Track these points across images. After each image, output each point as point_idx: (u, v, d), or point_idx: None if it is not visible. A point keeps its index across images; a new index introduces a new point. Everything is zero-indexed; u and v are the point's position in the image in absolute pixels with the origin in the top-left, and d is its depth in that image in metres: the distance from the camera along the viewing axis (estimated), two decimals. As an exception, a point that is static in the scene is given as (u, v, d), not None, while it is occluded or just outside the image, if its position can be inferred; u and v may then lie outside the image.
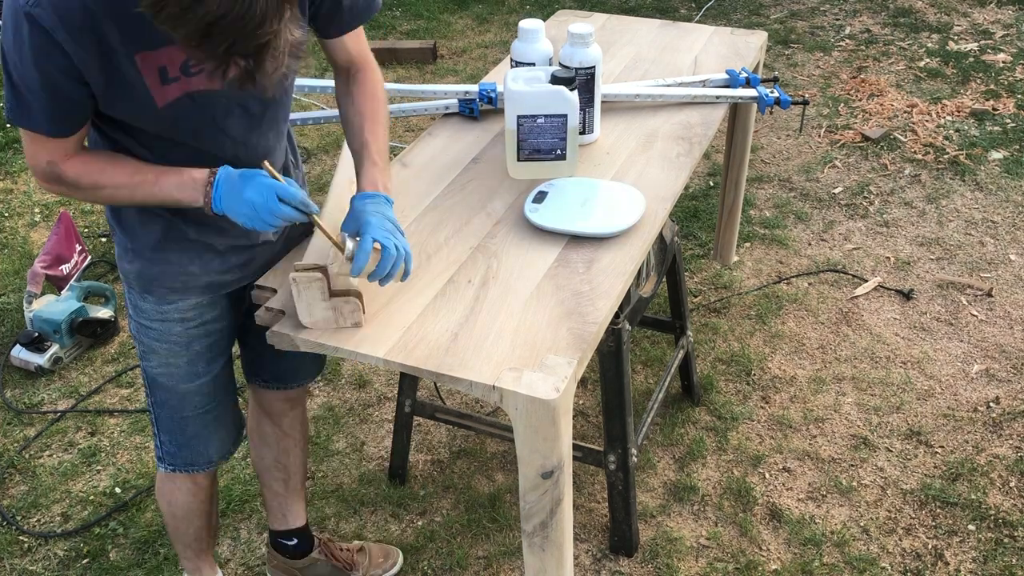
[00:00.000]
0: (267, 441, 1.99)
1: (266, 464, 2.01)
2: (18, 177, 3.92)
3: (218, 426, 1.78)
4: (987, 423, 2.56)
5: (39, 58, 1.26)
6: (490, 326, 1.52)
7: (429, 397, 2.63)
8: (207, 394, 1.72)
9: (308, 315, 1.51)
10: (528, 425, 1.42)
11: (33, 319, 2.88)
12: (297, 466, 2.03)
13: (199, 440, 1.77)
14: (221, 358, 1.72)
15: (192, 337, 1.65)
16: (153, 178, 1.41)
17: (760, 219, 3.47)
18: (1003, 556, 2.19)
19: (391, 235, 1.46)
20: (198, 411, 1.73)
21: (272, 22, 1.13)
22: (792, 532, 2.27)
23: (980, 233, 3.35)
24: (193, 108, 1.40)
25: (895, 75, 4.50)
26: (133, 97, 1.35)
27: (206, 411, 1.74)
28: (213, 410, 1.75)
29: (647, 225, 1.79)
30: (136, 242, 1.57)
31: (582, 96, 1.97)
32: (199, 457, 1.79)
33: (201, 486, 1.87)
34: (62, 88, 1.30)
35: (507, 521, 2.32)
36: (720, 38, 2.62)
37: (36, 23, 1.23)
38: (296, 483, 2.05)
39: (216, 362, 1.71)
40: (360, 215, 1.48)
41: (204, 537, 1.99)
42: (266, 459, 2.01)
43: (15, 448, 2.58)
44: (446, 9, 5.62)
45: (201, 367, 1.68)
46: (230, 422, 1.81)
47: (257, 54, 1.17)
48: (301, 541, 2.11)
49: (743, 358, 2.80)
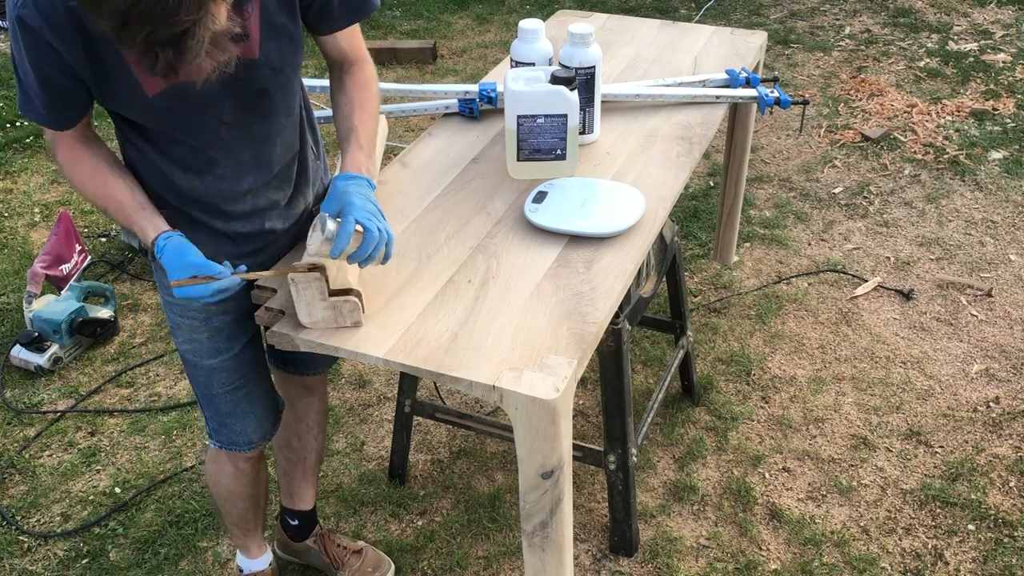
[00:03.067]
0: (282, 421, 2.01)
1: (279, 442, 2.06)
2: (18, 177, 3.92)
3: (252, 406, 1.79)
4: (987, 423, 2.56)
5: (33, 56, 1.33)
6: (490, 326, 1.52)
7: (429, 397, 2.63)
8: (232, 370, 1.73)
9: (307, 315, 1.51)
10: (528, 425, 1.42)
11: (33, 319, 2.88)
12: (308, 451, 2.06)
13: (234, 418, 1.79)
14: (244, 335, 1.73)
15: (211, 313, 1.66)
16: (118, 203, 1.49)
17: (760, 219, 3.47)
18: (1003, 556, 2.19)
19: (374, 217, 1.46)
20: (226, 388, 1.75)
21: (189, 10, 1.13)
22: (792, 532, 2.27)
23: (980, 233, 3.35)
24: (180, 97, 1.41)
25: (895, 75, 4.50)
26: (124, 87, 1.39)
27: (234, 388, 1.75)
28: (242, 388, 1.76)
29: (647, 225, 1.79)
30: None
31: (582, 96, 1.97)
32: (238, 436, 1.81)
33: (243, 471, 1.90)
34: (56, 83, 1.37)
35: (507, 521, 2.32)
36: (720, 38, 2.62)
37: (26, 24, 1.30)
38: (305, 468, 2.08)
39: (237, 339, 1.72)
40: (343, 196, 1.48)
41: (250, 519, 2.03)
42: (279, 437, 2.04)
43: (15, 448, 2.58)
44: (446, 9, 5.62)
45: (223, 343, 1.70)
46: (266, 403, 1.83)
47: (175, 43, 1.17)
48: (302, 524, 2.15)
49: (743, 358, 2.80)
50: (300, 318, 1.52)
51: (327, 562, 2.16)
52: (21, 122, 4.30)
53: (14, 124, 4.29)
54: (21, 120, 4.32)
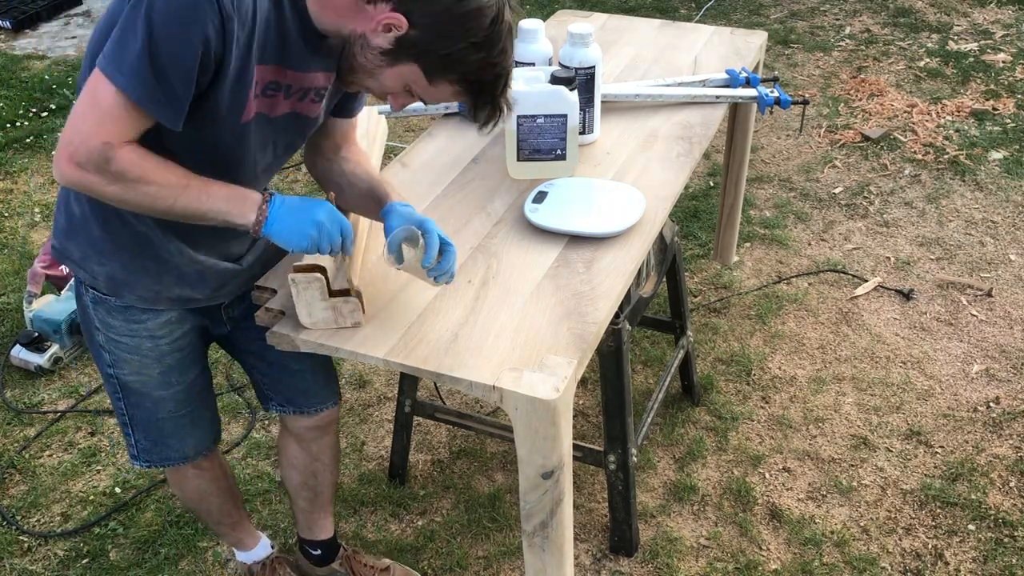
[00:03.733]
0: (295, 464, 1.97)
1: (294, 484, 2.00)
2: (18, 177, 3.92)
3: (194, 427, 1.77)
4: (987, 423, 2.56)
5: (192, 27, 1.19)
6: (490, 326, 1.52)
7: (429, 397, 2.63)
8: (181, 400, 1.70)
9: (308, 315, 1.51)
10: (528, 425, 1.42)
11: (33, 319, 2.88)
12: (325, 486, 2.01)
13: (175, 438, 1.76)
14: (195, 367, 1.71)
15: (163, 352, 1.63)
16: (202, 186, 1.34)
17: (760, 219, 3.47)
18: (1003, 556, 2.19)
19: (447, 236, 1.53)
20: (173, 414, 1.71)
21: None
22: (792, 532, 2.27)
23: (980, 233, 3.35)
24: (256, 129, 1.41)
25: (895, 75, 4.50)
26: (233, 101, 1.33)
27: (182, 414, 1.73)
28: (189, 413, 1.73)
29: (647, 225, 1.79)
30: (116, 243, 1.50)
31: (582, 96, 1.97)
32: (174, 453, 1.78)
33: (204, 468, 1.87)
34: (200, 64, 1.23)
35: (507, 521, 2.32)
36: (720, 38, 2.62)
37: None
38: (323, 501, 2.04)
39: (189, 372, 1.69)
40: (413, 215, 1.52)
41: (231, 511, 2.01)
42: (294, 480, 1.99)
43: (15, 448, 2.58)
44: (446, 9, 5.61)
45: (174, 378, 1.67)
46: (207, 422, 1.81)
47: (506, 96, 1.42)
48: (325, 552, 2.11)
49: (743, 358, 2.80)
50: (300, 319, 1.52)
51: None
52: (21, 122, 4.30)
53: (14, 124, 4.29)
54: (21, 120, 4.32)
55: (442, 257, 1.49)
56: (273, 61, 1.35)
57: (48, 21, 5.54)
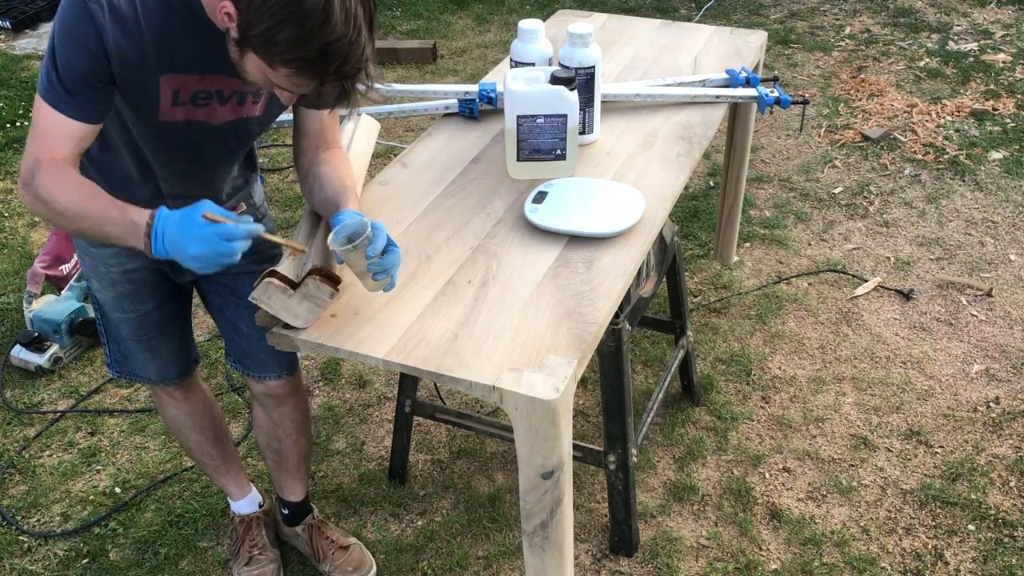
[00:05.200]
0: (259, 424, 2.06)
1: (260, 443, 2.12)
2: (18, 177, 3.91)
3: (153, 355, 1.86)
4: (987, 423, 2.56)
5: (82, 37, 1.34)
6: (490, 326, 1.52)
7: (429, 397, 2.63)
8: (136, 327, 1.80)
9: (294, 317, 1.50)
10: (528, 425, 1.42)
11: (33, 319, 2.88)
12: (288, 454, 2.09)
13: (135, 360, 1.87)
14: (150, 301, 1.78)
15: (114, 279, 1.73)
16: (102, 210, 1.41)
17: (760, 219, 3.47)
18: (1003, 556, 2.19)
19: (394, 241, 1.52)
20: (131, 338, 1.82)
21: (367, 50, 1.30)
22: (792, 532, 2.27)
23: (980, 233, 3.35)
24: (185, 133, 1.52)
25: (895, 75, 4.50)
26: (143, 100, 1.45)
27: (139, 340, 1.83)
28: (147, 341, 1.83)
29: (647, 225, 1.79)
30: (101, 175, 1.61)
31: (582, 96, 1.97)
32: (140, 372, 1.90)
33: (177, 398, 1.97)
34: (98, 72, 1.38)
35: (507, 521, 2.32)
36: (720, 38, 2.62)
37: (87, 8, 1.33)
38: (289, 466, 2.12)
39: (144, 303, 1.78)
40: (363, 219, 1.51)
41: (211, 452, 2.09)
42: (260, 439, 2.10)
43: (15, 448, 2.58)
44: (446, 9, 5.62)
45: (127, 305, 1.77)
46: (169, 355, 1.88)
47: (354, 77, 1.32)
48: (292, 513, 2.20)
49: (743, 358, 2.80)
50: (292, 324, 1.51)
51: (310, 552, 2.20)
52: (21, 122, 4.30)
53: (14, 124, 4.29)
54: (21, 120, 4.32)
55: (385, 255, 1.48)
56: (188, 70, 1.42)
57: (48, 21, 5.54)
